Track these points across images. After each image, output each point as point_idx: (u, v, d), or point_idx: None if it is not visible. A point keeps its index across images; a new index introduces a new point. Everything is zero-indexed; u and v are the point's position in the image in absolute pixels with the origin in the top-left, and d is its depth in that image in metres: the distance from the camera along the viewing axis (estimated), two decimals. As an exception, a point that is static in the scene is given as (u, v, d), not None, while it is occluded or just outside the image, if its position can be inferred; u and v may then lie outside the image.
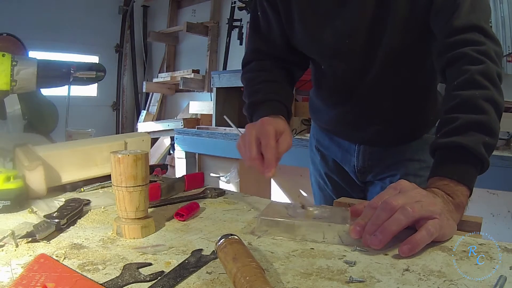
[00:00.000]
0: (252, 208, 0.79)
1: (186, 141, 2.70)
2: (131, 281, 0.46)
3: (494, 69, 0.69)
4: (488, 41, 0.72)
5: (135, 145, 1.00)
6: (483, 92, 0.68)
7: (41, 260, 0.50)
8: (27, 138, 1.13)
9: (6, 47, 1.62)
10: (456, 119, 0.68)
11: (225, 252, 0.47)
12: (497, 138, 0.68)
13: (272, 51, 0.99)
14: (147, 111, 4.07)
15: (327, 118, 1.08)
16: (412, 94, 0.95)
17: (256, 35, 1.01)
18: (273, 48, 0.98)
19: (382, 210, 0.58)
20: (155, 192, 0.80)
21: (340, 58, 0.91)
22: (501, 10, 1.93)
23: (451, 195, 0.63)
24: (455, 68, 0.72)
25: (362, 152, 1.04)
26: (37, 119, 1.52)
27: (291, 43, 0.96)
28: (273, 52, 0.99)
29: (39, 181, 0.81)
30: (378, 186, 1.06)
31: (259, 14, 0.98)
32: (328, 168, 1.14)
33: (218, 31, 3.56)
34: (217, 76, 2.58)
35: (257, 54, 1.01)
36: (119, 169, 0.60)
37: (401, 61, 0.87)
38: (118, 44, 4.24)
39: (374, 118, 0.97)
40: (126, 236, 0.61)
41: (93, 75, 1.15)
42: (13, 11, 3.38)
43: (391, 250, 0.56)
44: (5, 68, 0.94)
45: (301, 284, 0.46)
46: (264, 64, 0.99)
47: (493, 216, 2.08)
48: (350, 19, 0.84)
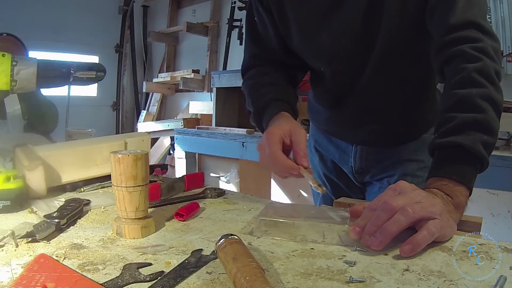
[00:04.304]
0: (252, 208, 0.79)
1: (186, 141, 2.70)
2: (131, 281, 0.46)
3: (491, 67, 0.69)
4: (485, 37, 0.71)
5: (135, 145, 1.00)
6: (480, 90, 0.67)
7: (41, 260, 0.50)
8: (27, 138, 1.13)
9: (6, 47, 1.62)
10: (453, 118, 0.67)
11: (225, 252, 0.47)
12: (496, 137, 0.67)
13: (270, 56, 0.99)
14: (147, 111, 4.08)
15: (324, 118, 1.08)
16: (408, 94, 0.95)
17: (254, 40, 1.00)
18: (271, 52, 0.98)
19: (382, 211, 0.58)
20: (155, 192, 0.80)
21: (336, 59, 0.90)
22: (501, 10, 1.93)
23: (450, 195, 0.63)
24: (452, 66, 0.72)
25: (359, 153, 1.04)
26: (37, 119, 1.52)
27: (288, 46, 0.96)
28: (271, 57, 0.98)
29: (39, 181, 0.81)
30: (376, 186, 1.06)
31: (255, 19, 0.97)
32: (327, 168, 1.14)
33: (218, 31, 3.56)
34: (217, 76, 2.58)
35: (255, 60, 1.01)
36: (119, 169, 0.60)
37: (396, 60, 0.87)
38: (118, 44, 4.25)
39: (370, 118, 0.97)
40: (126, 236, 0.61)
41: (93, 75, 1.15)
42: (13, 11, 3.38)
43: (391, 250, 0.56)
44: (5, 68, 0.94)
45: (301, 284, 0.46)
46: (264, 69, 0.99)
47: (493, 216, 2.08)
48: (345, 20, 0.84)
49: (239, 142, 2.30)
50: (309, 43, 0.91)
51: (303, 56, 0.96)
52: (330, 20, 0.85)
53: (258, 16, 0.96)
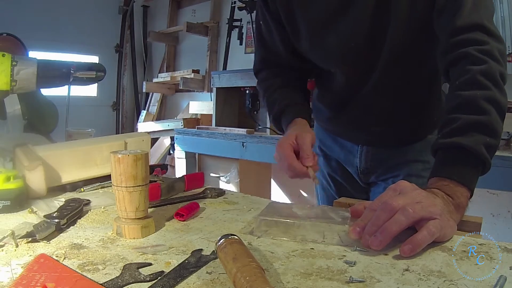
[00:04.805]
0: (252, 208, 0.79)
1: (186, 141, 2.70)
2: (131, 281, 0.46)
3: (496, 69, 0.69)
4: (491, 40, 0.71)
5: (135, 145, 1.00)
6: (485, 93, 0.67)
7: (41, 260, 0.50)
8: (27, 138, 1.13)
9: (6, 47, 1.62)
10: (457, 119, 0.67)
11: (225, 252, 0.47)
12: (499, 139, 0.67)
13: (277, 60, 1.01)
14: (147, 111, 4.07)
15: (329, 119, 1.08)
16: (415, 95, 0.95)
17: (261, 44, 1.03)
18: (278, 56, 1.00)
19: (383, 211, 0.58)
20: (155, 192, 0.80)
21: (344, 62, 0.91)
22: (501, 10, 1.93)
23: (451, 195, 0.63)
24: (458, 68, 0.72)
25: (364, 153, 1.04)
26: (37, 119, 1.53)
27: (297, 50, 0.97)
28: (278, 60, 1.01)
29: (39, 181, 0.81)
30: (381, 186, 1.06)
31: (261, 23, 0.99)
32: (331, 168, 1.14)
33: (218, 31, 3.56)
34: (217, 76, 2.58)
35: (264, 63, 1.05)
36: (119, 169, 0.60)
37: (403, 62, 0.87)
38: (118, 44, 4.25)
39: (377, 119, 0.97)
40: (126, 236, 0.61)
41: (93, 75, 1.15)
42: (13, 11, 3.38)
43: (391, 250, 0.56)
44: (5, 68, 0.94)
45: (301, 284, 0.46)
46: (274, 72, 1.03)
47: (493, 216, 2.08)
48: (353, 23, 0.84)
49: (239, 142, 2.30)
50: (318, 45, 0.92)
51: (312, 58, 0.96)
52: (338, 23, 0.86)
53: (264, 20, 0.97)
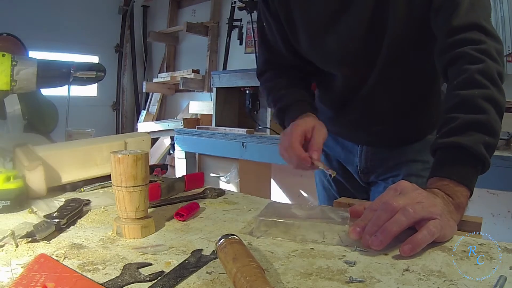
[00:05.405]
0: (252, 208, 0.79)
1: (186, 141, 2.70)
2: (131, 281, 0.46)
3: (494, 68, 0.69)
4: (488, 39, 0.71)
5: (135, 145, 1.00)
6: (483, 92, 0.67)
7: (41, 260, 0.50)
8: (27, 138, 1.13)
9: (6, 47, 1.62)
10: (455, 119, 0.67)
11: (225, 252, 0.47)
12: (498, 138, 0.68)
13: (281, 61, 1.01)
14: (147, 111, 4.07)
15: (330, 119, 1.08)
16: (414, 95, 0.95)
17: (264, 45, 1.03)
18: (281, 57, 1.00)
19: (383, 211, 0.58)
20: (155, 192, 0.80)
21: (343, 63, 0.91)
22: (501, 10, 1.93)
23: (451, 195, 0.63)
24: (455, 67, 0.72)
25: (364, 153, 1.04)
26: (37, 119, 1.53)
27: (297, 51, 0.97)
28: (282, 61, 1.01)
29: (39, 181, 0.81)
30: (381, 186, 1.06)
31: (264, 24, 0.99)
32: (332, 168, 1.14)
33: (218, 31, 3.56)
34: (217, 76, 2.58)
35: (268, 64, 1.05)
36: (119, 169, 0.60)
37: (403, 62, 0.87)
38: (118, 44, 4.24)
39: (377, 119, 0.98)
40: (126, 236, 0.61)
41: (93, 75, 1.15)
42: (13, 11, 3.38)
43: (391, 250, 0.56)
44: (5, 68, 0.94)
45: (301, 284, 0.46)
46: (279, 73, 1.03)
47: (493, 216, 2.08)
48: (352, 24, 0.84)
49: (239, 142, 2.30)
50: (317, 47, 0.92)
51: (312, 59, 0.97)
52: (337, 24, 0.86)
53: (266, 22, 0.98)
